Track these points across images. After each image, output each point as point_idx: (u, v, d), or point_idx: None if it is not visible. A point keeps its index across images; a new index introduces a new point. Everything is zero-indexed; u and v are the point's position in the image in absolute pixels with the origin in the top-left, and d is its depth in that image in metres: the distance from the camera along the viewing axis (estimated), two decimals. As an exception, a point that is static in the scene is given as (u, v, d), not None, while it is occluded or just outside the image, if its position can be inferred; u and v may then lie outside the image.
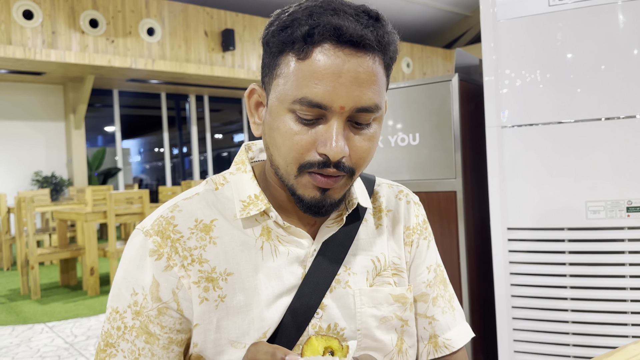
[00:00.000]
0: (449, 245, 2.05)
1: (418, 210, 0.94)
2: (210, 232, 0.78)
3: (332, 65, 0.67)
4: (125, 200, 5.05)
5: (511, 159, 1.86)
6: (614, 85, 1.71)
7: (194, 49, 8.96)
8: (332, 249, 0.81)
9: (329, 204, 0.74)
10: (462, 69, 2.14)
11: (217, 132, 13.72)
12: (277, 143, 0.72)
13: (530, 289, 1.85)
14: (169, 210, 0.79)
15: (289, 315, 0.77)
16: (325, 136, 0.69)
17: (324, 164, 0.70)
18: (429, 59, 12.72)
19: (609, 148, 1.73)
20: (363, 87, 0.69)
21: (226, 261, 0.77)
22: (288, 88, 0.70)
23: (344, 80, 0.68)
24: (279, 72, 0.71)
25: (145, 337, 0.75)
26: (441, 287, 0.93)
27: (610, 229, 1.73)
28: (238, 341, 0.75)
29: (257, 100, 0.79)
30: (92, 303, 4.60)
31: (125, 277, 0.76)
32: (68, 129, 9.27)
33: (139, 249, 0.76)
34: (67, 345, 3.50)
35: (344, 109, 0.69)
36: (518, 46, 1.85)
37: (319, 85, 0.67)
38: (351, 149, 0.72)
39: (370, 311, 0.81)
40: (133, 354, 0.75)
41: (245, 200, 0.79)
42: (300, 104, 0.68)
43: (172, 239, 0.76)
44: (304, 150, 0.70)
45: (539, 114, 1.81)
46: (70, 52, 7.60)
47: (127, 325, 0.75)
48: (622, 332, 1.73)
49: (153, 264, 0.75)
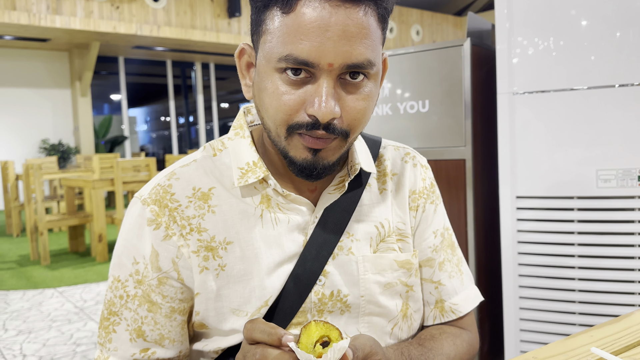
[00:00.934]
0: (457, 213, 2.04)
1: (425, 173, 0.90)
2: (208, 200, 0.76)
3: (318, 18, 0.62)
4: (132, 168, 5.06)
5: (522, 126, 1.83)
6: (629, 52, 1.67)
7: (199, 15, 8.85)
8: (334, 215, 0.79)
9: (322, 166, 0.70)
10: (474, 34, 2.09)
11: (224, 101, 13.65)
12: (265, 104, 0.68)
13: (537, 257, 1.85)
14: (166, 178, 0.77)
15: (291, 282, 0.76)
16: (313, 96, 0.65)
17: (312, 125, 0.66)
18: (439, 27, 12.50)
19: (622, 115, 1.70)
20: (353, 42, 0.63)
21: (225, 230, 0.75)
22: (274, 45, 0.65)
23: (332, 34, 0.62)
24: (265, 28, 0.67)
25: (148, 305, 0.75)
26: (449, 251, 0.90)
27: (621, 197, 1.71)
28: (240, 309, 0.75)
29: (247, 61, 0.75)
30: (100, 269, 4.66)
31: (125, 247, 0.76)
32: (74, 97, 9.25)
33: (137, 217, 0.75)
34: (77, 310, 3.56)
35: (332, 66, 0.63)
36: (532, 13, 1.80)
37: (304, 40, 0.62)
38: (344, 109, 0.67)
39: (374, 277, 0.80)
40: (136, 322, 0.75)
41: (243, 167, 0.76)
42: (286, 61, 0.64)
43: (169, 208, 0.74)
44: (292, 111, 0.66)
45: (551, 81, 1.78)
46: (75, 18, 7.52)
47: (130, 294, 0.75)
48: (629, 301, 1.73)
49: (151, 233, 0.74)
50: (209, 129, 11.44)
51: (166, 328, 0.76)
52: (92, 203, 4.81)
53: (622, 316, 0.97)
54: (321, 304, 0.77)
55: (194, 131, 11.49)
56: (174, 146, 11.07)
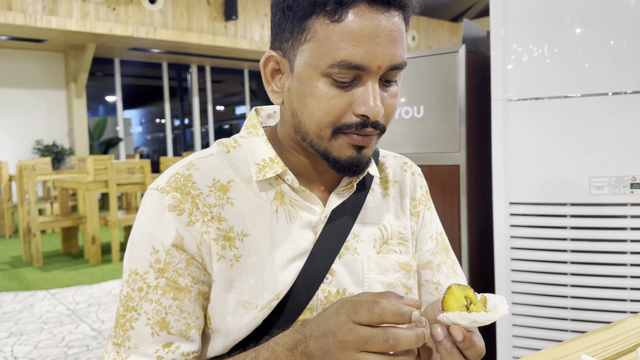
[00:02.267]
0: (451, 218, 2.05)
1: (422, 181, 0.96)
2: (227, 192, 0.77)
3: (369, 25, 0.67)
4: (126, 169, 5.05)
5: (516, 133, 1.84)
6: (622, 61, 1.69)
7: (196, 17, 8.84)
8: (341, 216, 0.82)
9: (365, 162, 0.75)
10: (469, 41, 2.10)
11: (219, 104, 13.64)
12: (310, 109, 0.71)
13: (530, 263, 1.86)
14: (185, 168, 0.78)
15: (301, 279, 0.78)
16: (363, 97, 0.69)
17: (362, 124, 0.71)
18: (435, 32, 12.55)
19: (615, 123, 1.71)
20: (396, 45, 0.69)
21: (243, 222, 0.77)
22: (323, 52, 0.68)
23: (381, 39, 0.68)
24: (308, 36, 0.69)
25: (174, 293, 0.73)
26: (443, 254, 0.96)
27: (613, 205, 1.73)
28: (250, 302, 0.76)
29: (273, 68, 0.77)
30: (93, 271, 4.64)
31: (142, 237, 0.74)
32: (69, 98, 9.22)
33: (155, 206, 0.75)
34: (69, 312, 3.54)
35: (380, 68, 0.69)
36: (527, 20, 1.81)
37: (358, 47, 0.67)
38: (383, 107, 0.72)
39: (378, 277, 0.83)
40: (159, 313, 0.73)
41: (259, 163, 0.79)
42: (339, 67, 0.68)
43: (192, 195, 0.75)
44: (341, 113, 0.70)
45: (545, 88, 1.79)
46: (71, 19, 7.51)
47: (151, 285, 0.73)
48: (620, 308, 1.74)
49: (175, 218, 0.73)
50: (204, 131, 11.43)
51: (193, 315, 0.74)
52: (86, 205, 4.79)
53: (613, 323, 0.98)
54: (327, 302, 0.80)
55: (189, 133, 11.46)
56: (169, 148, 11.05)
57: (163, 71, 10.60)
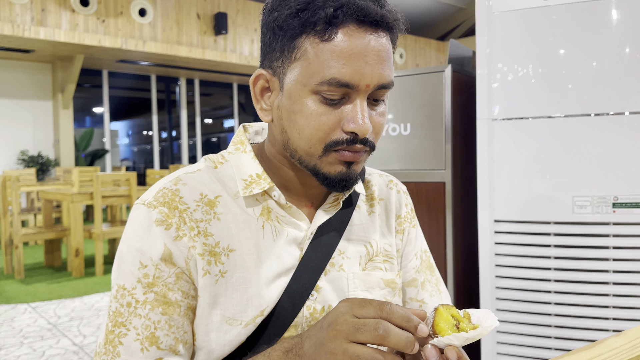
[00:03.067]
0: (436, 235, 2.06)
1: (407, 199, 0.97)
2: (214, 207, 0.78)
3: (358, 45, 0.69)
4: (112, 182, 5.01)
5: (500, 151, 1.87)
6: (604, 82, 1.72)
7: (185, 31, 8.87)
8: (327, 232, 0.83)
9: (354, 178, 0.76)
10: (455, 60, 2.13)
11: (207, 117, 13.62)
12: (299, 126, 0.72)
13: (514, 281, 1.87)
14: (172, 183, 0.78)
15: (286, 296, 0.78)
16: (351, 115, 0.71)
17: (351, 141, 0.72)
18: (422, 50, 12.69)
19: (598, 144, 1.74)
20: (384, 64, 0.71)
21: (229, 237, 0.77)
22: (313, 70, 0.70)
23: (369, 59, 0.70)
24: (298, 54, 0.71)
25: (163, 308, 0.72)
26: (427, 272, 0.96)
27: (596, 224, 1.75)
28: (234, 318, 0.75)
29: (262, 86, 0.78)
30: (76, 284, 4.57)
31: (129, 252, 0.74)
32: (56, 109, 9.16)
33: (142, 221, 0.75)
34: (50, 326, 3.49)
35: (369, 87, 0.70)
36: (512, 40, 1.85)
37: (346, 65, 0.69)
38: (372, 125, 0.73)
39: (363, 294, 0.83)
40: (148, 328, 0.72)
41: (246, 179, 0.80)
42: (328, 84, 0.69)
43: (179, 210, 0.75)
44: (330, 130, 0.71)
45: (529, 108, 1.82)
46: (59, 30, 7.49)
47: (139, 300, 0.72)
48: (603, 326, 1.75)
49: (163, 233, 0.73)
50: (191, 144, 11.39)
51: (181, 330, 0.74)
52: (70, 217, 4.74)
53: (596, 342, 0.99)
54: (312, 319, 0.79)
55: (177, 146, 11.42)
56: (156, 160, 10.99)
57: (151, 83, 10.59)
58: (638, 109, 1.69)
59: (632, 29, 1.69)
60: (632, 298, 1.71)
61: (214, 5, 9.25)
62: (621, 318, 1.73)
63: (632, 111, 1.70)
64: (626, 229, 1.71)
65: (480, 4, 1.88)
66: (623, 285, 1.73)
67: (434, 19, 12.42)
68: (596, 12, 1.72)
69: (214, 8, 9.24)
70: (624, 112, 1.70)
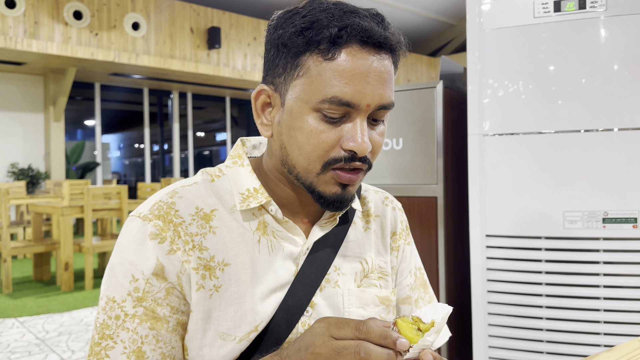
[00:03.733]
0: (428, 250, 2.06)
1: (402, 216, 0.98)
2: (210, 221, 0.77)
3: (360, 65, 0.70)
4: (103, 195, 4.98)
5: (491, 167, 1.88)
6: (593, 99, 1.75)
7: (179, 45, 8.90)
8: (323, 248, 0.83)
9: (349, 199, 0.77)
10: (446, 76, 2.16)
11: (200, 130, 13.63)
12: (299, 142, 0.73)
13: (506, 296, 1.87)
14: (169, 196, 0.78)
15: (281, 312, 0.78)
16: (351, 133, 0.72)
17: (350, 158, 0.73)
18: (414, 66, 12.81)
19: (587, 159, 1.76)
20: (385, 86, 0.73)
21: (224, 251, 0.77)
22: (315, 88, 0.71)
23: (371, 79, 0.71)
24: (301, 72, 0.72)
25: (151, 323, 0.72)
26: (421, 289, 0.97)
27: (586, 239, 1.76)
28: (228, 333, 0.75)
29: (264, 101, 0.79)
30: (65, 299, 4.52)
31: (121, 264, 0.74)
32: (47, 121, 9.12)
33: (136, 234, 0.74)
34: (38, 341, 3.44)
35: (369, 107, 0.71)
36: (502, 56, 1.87)
37: (349, 84, 0.70)
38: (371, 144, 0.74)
39: (358, 311, 0.84)
40: (135, 342, 0.72)
41: (244, 193, 0.80)
42: (330, 102, 0.70)
43: (174, 223, 0.75)
44: (329, 148, 0.72)
45: (520, 124, 1.84)
46: (52, 43, 7.49)
47: (128, 313, 0.72)
48: (595, 341, 1.75)
49: (156, 246, 0.73)
50: (183, 157, 11.37)
51: (169, 345, 0.73)
52: (60, 230, 4.70)
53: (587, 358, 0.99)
54: None
55: (168, 159, 11.39)
56: (147, 174, 10.95)
57: (144, 96, 10.59)
58: (627, 125, 1.71)
59: (619, 46, 1.72)
60: (623, 313, 1.72)
61: (208, 19, 9.30)
62: (612, 333, 1.73)
63: (621, 127, 1.72)
64: (616, 244, 1.73)
65: (471, 21, 1.91)
66: (614, 300, 1.73)
67: (425, 35, 12.56)
68: (585, 29, 1.75)
69: (208, 22, 9.29)
70: (613, 129, 1.73)
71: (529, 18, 1.81)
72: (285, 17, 0.74)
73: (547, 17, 1.79)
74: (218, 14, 9.42)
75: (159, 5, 8.69)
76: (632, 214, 1.71)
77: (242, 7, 9.91)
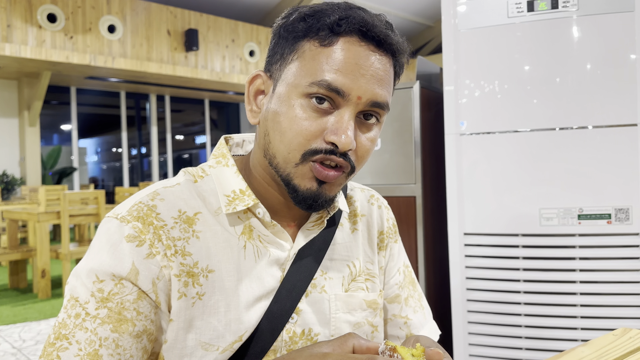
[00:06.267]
0: (408, 249, 2.07)
1: (388, 214, 0.95)
2: (193, 225, 0.73)
3: (356, 56, 0.68)
4: (80, 200, 4.91)
5: (469, 165, 1.90)
6: (568, 97, 1.77)
7: (156, 47, 8.81)
8: (310, 252, 0.80)
9: (323, 199, 0.72)
10: (423, 77, 2.17)
11: (178, 133, 13.52)
12: (282, 128, 0.70)
13: (485, 293, 1.89)
14: (149, 197, 0.73)
15: (266, 320, 0.74)
16: (336, 125, 0.68)
17: (331, 151, 0.69)
18: (392, 67, 12.87)
19: (563, 157, 1.78)
20: (381, 84, 0.70)
21: (208, 257, 0.73)
22: (306, 71, 0.69)
23: (365, 72, 0.68)
24: (296, 56, 0.71)
25: (114, 325, 0.66)
26: (410, 287, 0.95)
27: (562, 235, 1.79)
28: (211, 343, 0.71)
29: (258, 88, 0.77)
30: (42, 307, 4.44)
31: (89, 265, 0.69)
32: (22, 126, 8.95)
33: (112, 234, 0.70)
34: (14, 350, 3.37)
35: (360, 100, 0.69)
36: (478, 56, 1.89)
37: (341, 71, 0.68)
38: (356, 144, 0.71)
39: (345, 317, 0.81)
40: (92, 344, 0.65)
41: (229, 195, 0.76)
42: (318, 86, 0.68)
43: (154, 226, 0.70)
44: (311, 137, 0.69)
45: (496, 123, 1.86)
46: (26, 46, 7.35)
47: (90, 313, 0.67)
48: (572, 336, 1.78)
49: (133, 250, 0.68)
50: (162, 160, 11.26)
51: (128, 353, 0.67)
52: (36, 237, 4.61)
53: (564, 352, 1.00)
54: (292, 343, 0.76)
55: (147, 163, 11.28)
56: (125, 178, 10.82)
57: (121, 100, 10.46)
58: (601, 123, 1.74)
59: (592, 45, 1.75)
60: (599, 308, 1.75)
61: (185, 21, 9.23)
62: (589, 328, 1.76)
63: (595, 125, 1.75)
64: (591, 240, 1.76)
65: (446, 22, 1.93)
66: (590, 296, 1.76)
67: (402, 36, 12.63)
68: (558, 29, 1.78)
69: (185, 24, 9.22)
70: (588, 126, 1.76)
71: (503, 18, 1.84)
72: (293, 9, 0.74)
73: (521, 16, 1.81)
74: (195, 16, 9.35)
75: (135, 8, 8.60)
76: (607, 210, 1.74)
77: (220, 9, 9.86)
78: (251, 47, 9.94)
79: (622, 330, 0.96)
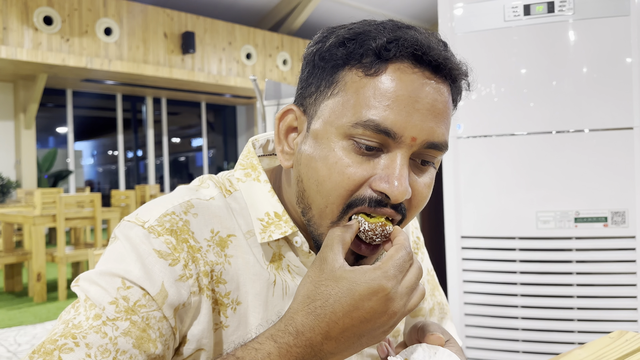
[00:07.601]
0: (405, 253, 2.07)
1: (415, 222, 0.91)
2: (225, 248, 0.64)
3: (409, 86, 0.57)
4: (76, 203, 4.90)
5: (466, 168, 1.90)
6: (564, 101, 1.78)
7: (152, 50, 8.81)
8: None
9: None
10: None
11: (175, 136, 13.51)
12: (319, 176, 0.59)
13: (482, 296, 1.89)
14: (183, 210, 0.63)
15: None
16: (387, 171, 0.57)
17: (378, 202, 0.58)
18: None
19: (559, 160, 1.79)
20: (438, 119, 0.59)
21: (238, 287, 0.64)
22: (349, 108, 0.58)
23: (421, 106, 0.57)
24: (336, 90, 0.59)
25: (136, 341, 0.56)
26: (436, 293, 0.93)
27: (559, 238, 1.79)
28: None
29: (289, 125, 0.65)
30: (38, 310, 4.42)
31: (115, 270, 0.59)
32: (17, 129, 8.93)
33: (138, 245, 0.60)
34: (9, 354, 3.35)
35: (415, 141, 0.57)
36: (475, 60, 1.88)
37: (391, 108, 0.56)
38: (412, 191, 0.59)
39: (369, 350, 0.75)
40: (105, 353, 0.54)
41: (263, 218, 0.66)
42: (364, 127, 0.56)
43: (189, 245, 0.61)
44: (356, 187, 0.58)
45: (493, 126, 1.86)
46: (22, 49, 7.34)
47: (110, 318, 0.56)
48: (569, 339, 1.78)
49: (165, 269, 0.59)
50: (158, 163, 11.25)
51: None
52: (32, 240, 4.59)
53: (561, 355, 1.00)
54: None
55: (143, 166, 11.25)
56: (121, 181, 10.80)
57: (117, 103, 10.45)
58: (597, 126, 1.75)
59: (588, 49, 1.76)
60: (595, 311, 1.75)
61: (182, 24, 9.23)
62: (586, 330, 1.76)
63: (592, 128, 1.76)
64: (588, 243, 1.76)
65: (443, 26, 1.93)
66: (587, 298, 1.77)
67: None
68: (554, 33, 1.78)
69: (182, 27, 9.22)
70: (584, 130, 1.76)
71: (500, 22, 1.84)
72: (329, 31, 0.62)
73: (517, 20, 1.82)
74: (192, 19, 9.35)
75: (131, 10, 8.59)
76: (603, 213, 1.75)
77: (217, 12, 9.86)
78: (248, 50, 9.95)
79: (619, 332, 0.96)
